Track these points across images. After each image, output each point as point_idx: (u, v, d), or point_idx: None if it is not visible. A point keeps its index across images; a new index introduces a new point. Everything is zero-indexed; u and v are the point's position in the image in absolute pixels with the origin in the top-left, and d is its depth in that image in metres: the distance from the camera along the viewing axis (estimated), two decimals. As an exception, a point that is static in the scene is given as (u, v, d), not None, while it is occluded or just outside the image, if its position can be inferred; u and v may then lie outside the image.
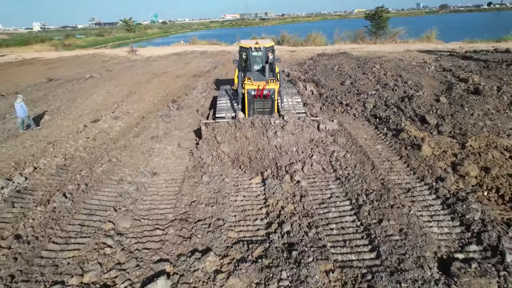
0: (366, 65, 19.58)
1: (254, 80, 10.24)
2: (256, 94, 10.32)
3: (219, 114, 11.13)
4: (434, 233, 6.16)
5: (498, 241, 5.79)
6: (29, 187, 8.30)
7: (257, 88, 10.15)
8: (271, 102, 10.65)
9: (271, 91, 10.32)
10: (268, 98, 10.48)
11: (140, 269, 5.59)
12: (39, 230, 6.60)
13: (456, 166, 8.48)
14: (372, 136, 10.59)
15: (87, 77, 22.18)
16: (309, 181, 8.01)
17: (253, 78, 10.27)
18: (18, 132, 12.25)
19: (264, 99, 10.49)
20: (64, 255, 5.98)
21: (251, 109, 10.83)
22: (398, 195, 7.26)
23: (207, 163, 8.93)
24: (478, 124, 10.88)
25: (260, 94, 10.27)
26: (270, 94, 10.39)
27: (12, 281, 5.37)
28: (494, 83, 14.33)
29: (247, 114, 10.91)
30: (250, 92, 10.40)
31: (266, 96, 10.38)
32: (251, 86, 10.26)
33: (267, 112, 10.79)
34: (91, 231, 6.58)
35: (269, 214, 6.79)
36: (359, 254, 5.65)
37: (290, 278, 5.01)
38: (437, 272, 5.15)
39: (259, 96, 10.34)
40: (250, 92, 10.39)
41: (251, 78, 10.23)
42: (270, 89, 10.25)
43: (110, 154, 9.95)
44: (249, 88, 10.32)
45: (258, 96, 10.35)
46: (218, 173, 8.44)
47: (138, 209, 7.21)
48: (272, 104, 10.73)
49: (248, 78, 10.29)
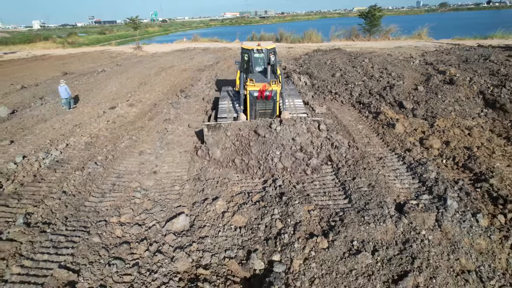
0: (356, 59, 20.96)
1: (256, 81, 10.16)
2: (258, 96, 10.21)
3: (221, 115, 10.88)
4: (396, 187, 7.63)
5: (445, 192, 7.26)
6: (64, 159, 9.74)
7: (259, 90, 10.06)
8: (273, 103, 10.53)
9: (273, 92, 10.22)
10: (270, 100, 10.37)
11: (163, 212, 7.06)
12: (80, 188, 8.06)
13: (423, 141, 9.94)
14: (356, 118, 12.03)
15: (100, 71, 23.56)
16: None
17: (255, 80, 10.19)
18: (65, 111, 14.38)
19: (266, 100, 10.38)
20: (103, 205, 7.44)
21: (253, 111, 10.70)
22: (371, 161, 8.72)
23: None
24: (448, 109, 12.30)
25: (262, 95, 10.18)
26: (272, 95, 10.27)
27: (67, 221, 6.83)
28: (468, 75, 15.72)
29: (248, 116, 10.75)
30: (252, 94, 10.28)
31: (268, 97, 10.27)
32: (253, 88, 10.15)
33: (269, 113, 10.75)
34: (122, 188, 8.04)
35: (265, 174, 8.24)
36: (335, 201, 7.12)
37: (280, 213, 6.48)
38: (394, 210, 6.62)
39: (261, 97, 10.25)
40: (252, 93, 10.28)
41: (253, 80, 10.16)
42: (272, 90, 10.17)
43: (129, 133, 11.39)
44: (251, 89, 10.21)
45: (260, 97, 10.26)
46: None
47: (159, 172, 8.66)
48: (274, 106, 10.62)
49: (250, 80, 10.20)
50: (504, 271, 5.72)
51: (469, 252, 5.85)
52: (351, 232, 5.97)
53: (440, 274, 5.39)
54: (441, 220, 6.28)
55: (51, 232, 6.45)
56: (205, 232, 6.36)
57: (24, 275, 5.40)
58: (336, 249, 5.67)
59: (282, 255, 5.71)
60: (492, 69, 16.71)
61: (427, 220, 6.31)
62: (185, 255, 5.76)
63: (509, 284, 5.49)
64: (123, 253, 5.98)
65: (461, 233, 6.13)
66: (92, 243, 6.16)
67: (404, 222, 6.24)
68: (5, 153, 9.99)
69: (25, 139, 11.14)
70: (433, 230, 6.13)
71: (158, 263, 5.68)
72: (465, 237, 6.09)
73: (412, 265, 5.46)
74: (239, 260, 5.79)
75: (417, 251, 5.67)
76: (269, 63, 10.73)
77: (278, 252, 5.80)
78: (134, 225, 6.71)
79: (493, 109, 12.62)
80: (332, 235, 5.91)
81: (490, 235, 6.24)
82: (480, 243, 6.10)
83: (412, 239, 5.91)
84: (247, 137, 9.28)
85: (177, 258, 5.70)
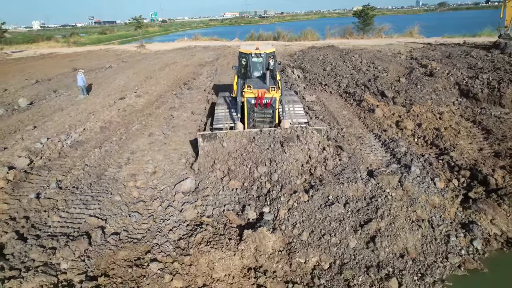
0: (347, 55, 22.11)
1: (254, 87, 9.46)
2: (256, 103, 9.51)
3: (217, 125, 10.04)
4: (370, 158, 8.83)
5: (411, 162, 8.45)
6: (83, 140, 10.90)
7: (257, 96, 9.35)
8: (272, 111, 9.78)
9: (272, 99, 9.50)
10: (269, 107, 9.66)
11: (172, 178, 8.25)
12: (99, 161, 9.25)
13: (398, 123, 11.13)
14: (341, 105, 13.21)
15: (107, 66, 24.71)
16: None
17: (253, 86, 9.49)
18: (80, 98, 16.02)
19: (264, 108, 9.67)
20: (120, 174, 8.61)
21: (250, 119, 10.01)
22: (351, 139, 9.90)
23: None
24: (425, 97, 13.47)
25: (260, 102, 9.47)
26: (271, 103, 9.55)
27: (91, 186, 8.01)
28: (447, 68, 16.89)
29: (246, 124, 10.09)
30: (250, 101, 9.57)
31: (266, 105, 9.55)
32: (251, 94, 9.44)
33: (268, 122, 10.01)
34: (136, 161, 9.21)
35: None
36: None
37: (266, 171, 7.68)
38: (365, 174, 7.81)
39: (259, 105, 9.54)
40: (249, 100, 9.57)
41: (251, 86, 9.45)
42: (270, 97, 9.47)
43: (139, 119, 12.55)
44: (248, 96, 9.51)
45: (258, 105, 9.55)
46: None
47: (167, 149, 9.83)
48: (273, 114, 9.88)
49: (248, 86, 9.50)
50: (452, 220, 6.94)
51: (424, 206, 7.05)
52: (328, 190, 7.16)
53: (398, 221, 6.59)
54: (403, 181, 7.48)
55: (79, 193, 7.64)
56: (208, 192, 7.56)
57: (63, 222, 6.60)
58: (315, 202, 6.87)
59: (271, 207, 6.91)
60: (470, 63, 17.88)
61: (392, 181, 7.51)
62: (192, 207, 6.96)
63: (454, 230, 6.71)
64: (140, 209, 7.18)
65: (419, 192, 7.33)
66: (114, 200, 7.34)
67: (372, 183, 7.43)
68: (31, 136, 11.14)
69: (46, 125, 12.30)
70: (396, 189, 7.33)
71: (170, 214, 6.88)
72: (422, 195, 7.29)
73: (376, 214, 6.66)
74: (236, 212, 6.98)
75: (381, 204, 6.86)
76: (268, 68, 10.02)
77: (267, 205, 7.01)
78: (148, 188, 7.91)
79: (467, 98, 13.82)
80: (312, 192, 7.10)
81: (443, 194, 7.46)
82: (435, 199, 7.30)
83: (378, 195, 7.10)
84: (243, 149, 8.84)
85: (185, 209, 6.91)
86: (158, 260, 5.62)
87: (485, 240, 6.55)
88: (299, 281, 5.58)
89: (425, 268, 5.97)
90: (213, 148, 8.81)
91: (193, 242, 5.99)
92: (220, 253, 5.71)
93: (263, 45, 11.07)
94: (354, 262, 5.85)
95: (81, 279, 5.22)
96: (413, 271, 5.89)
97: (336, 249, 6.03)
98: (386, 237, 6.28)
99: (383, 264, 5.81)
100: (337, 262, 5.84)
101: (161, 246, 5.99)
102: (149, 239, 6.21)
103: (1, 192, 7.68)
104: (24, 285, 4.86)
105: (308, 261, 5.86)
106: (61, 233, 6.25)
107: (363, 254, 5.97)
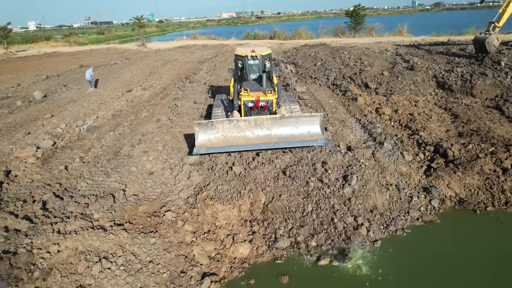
0: (337, 52, 23.34)
1: (251, 90, 9.49)
2: (254, 106, 9.46)
3: (215, 116, 10.38)
4: (350, 137, 10.06)
5: (385, 139, 9.69)
6: (98, 125, 12.03)
7: (256, 99, 9.32)
8: (269, 114, 9.68)
9: (269, 102, 9.47)
10: (266, 110, 9.62)
11: (180, 154, 9.42)
12: (115, 142, 10.40)
13: (377, 110, 12.38)
14: (329, 95, 14.45)
15: (112, 63, 25.77)
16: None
17: (249, 89, 9.52)
18: (90, 90, 17.05)
19: (261, 111, 9.63)
20: (134, 152, 9.76)
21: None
22: (334, 122, 11.14)
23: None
24: (404, 88, 14.73)
25: (257, 106, 9.41)
26: (268, 105, 9.51)
27: (109, 161, 9.18)
28: (427, 63, 18.17)
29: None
30: (247, 104, 9.52)
31: (263, 108, 9.52)
32: (248, 98, 9.42)
33: None
34: (147, 142, 10.38)
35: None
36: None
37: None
38: (344, 149, 9.05)
39: (256, 108, 9.50)
40: (246, 104, 9.52)
41: (247, 89, 9.48)
42: (267, 100, 9.43)
43: (147, 108, 13.70)
44: (245, 99, 9.47)
45: (255, 108, 9.51)
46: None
47: (174, 131, 11.00)
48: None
49: (244, 89, 9.52)
50: (416, 185, 8.20)
51: (393, 173, 8.30)
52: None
53: (369, 184, 7.84)
54: (375, 154, 8.73)
55: (100, 166, 8.81)
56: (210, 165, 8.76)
57: (90, 186, 7.78)
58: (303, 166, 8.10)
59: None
60: (449, 58, 19.17)
61: (366, 153, 8.75)
62: (198, 174, 8.16)
63: (417, 192, 7.96)
64: (153, 177, 8.35)
65: (389, 162, 8.58)
66: (131, 171, 8.51)
67: (349, 155, 8.67)
68: (50, 123, 12.25)
69: (62, 114, 13.41)
70: (369, 159, 8.57)
71: (179, 180, 8.07)
72: (392, 165, 8.54)
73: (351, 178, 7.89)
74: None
75: (355, 171, 8.09)
76: (265, 71, 10.00)
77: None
78: (159, 162, 9.09)
79: (443, 90, 15.11)
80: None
81: (410, 165, 8.72)
82: (402, 169, 8.55)
83: (353, 164, 8.33)
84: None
85: (192, 176, 8.10)
86: (172, 210, 6.83)
87: (441, 200, 7.83)
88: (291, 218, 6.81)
89: (390, 220, 7.23)
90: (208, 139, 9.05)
91: (200, 199, 7.19)
92: (221, 206, 6.93)
93: (259, 45, 12.02)
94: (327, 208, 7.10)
95: (111, 225, 6.41)
96: (380, 222, 7.16)
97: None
98: (359, 196, 7.54)
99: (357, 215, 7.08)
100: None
101: (174, 202, 7.20)
102: (163, 198, 7.41)
103: (33, 166, 8.84)
104: (68, 227, 6.05)
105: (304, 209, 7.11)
106: (90, 194, 7.43)
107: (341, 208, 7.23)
